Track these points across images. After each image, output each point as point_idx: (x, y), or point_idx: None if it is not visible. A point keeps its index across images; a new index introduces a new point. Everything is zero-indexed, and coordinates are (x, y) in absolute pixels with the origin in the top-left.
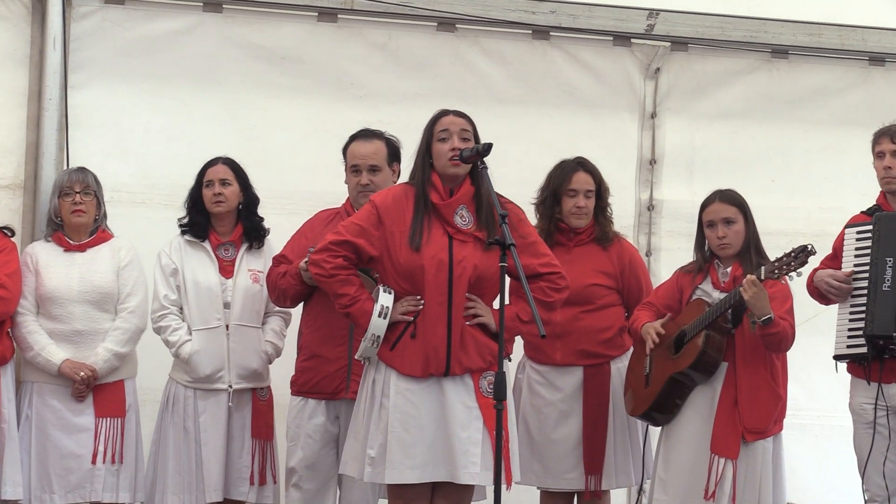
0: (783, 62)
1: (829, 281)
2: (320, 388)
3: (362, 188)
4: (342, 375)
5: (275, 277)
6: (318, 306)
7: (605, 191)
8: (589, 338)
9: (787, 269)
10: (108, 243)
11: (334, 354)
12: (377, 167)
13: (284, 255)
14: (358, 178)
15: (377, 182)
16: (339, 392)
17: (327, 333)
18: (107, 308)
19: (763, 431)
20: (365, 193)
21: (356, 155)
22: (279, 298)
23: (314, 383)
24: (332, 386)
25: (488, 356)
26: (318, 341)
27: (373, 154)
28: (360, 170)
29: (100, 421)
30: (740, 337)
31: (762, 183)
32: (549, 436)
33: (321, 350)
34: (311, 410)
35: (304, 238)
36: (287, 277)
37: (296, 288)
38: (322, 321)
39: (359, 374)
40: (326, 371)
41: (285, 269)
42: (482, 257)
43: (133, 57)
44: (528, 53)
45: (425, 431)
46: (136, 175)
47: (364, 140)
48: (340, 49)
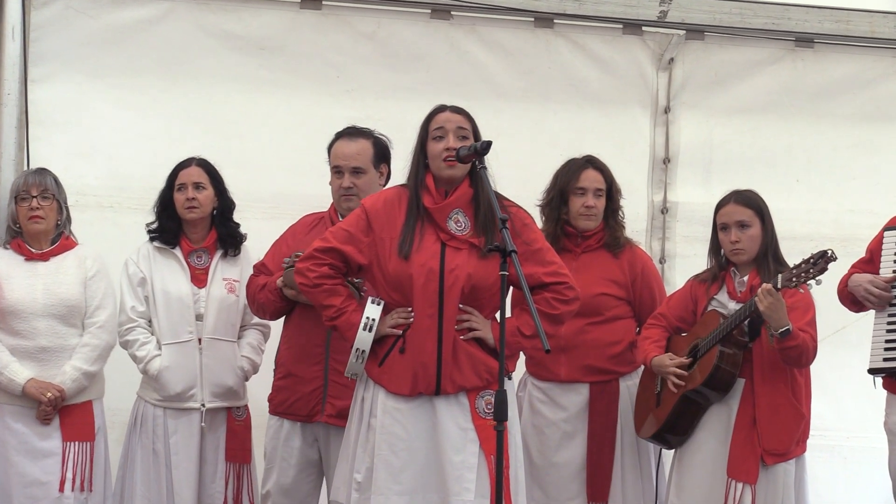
0: (808, 51)
1: (869, 287)
2: (295, 409)
3: (344, 191)
4: (317, 397)
5: (254, 289)
6: (295, 322)
7: (617, 192)
8: (596, 352)
9: (806, 277)
10: (72, 252)
11: (310, 374)
12: (361, 169)
13: (265, 264)
14: (340, 180)
15: (361, 185)
16: (315, 415)
17: (303, 351)
18: (74, 323)
19: (784, 453)
20: (348, 197)
21: (339, 155)
22: (258, 311)
23: (290, 404)
24: (308, 408)
25: (485, 374)
26: (294, 359)
27: (356, 155)
28: (342, 171)
29: (67, 445)
30: (758, 351)
31: (786, 183)
32: (551, 459)
33: (296, 369)
34: (287, 432)
35: (285, 245)
36: (266, 291)
37: (275, 303)
38: (298, 338)
39: (335, 397)
40: (301, 392)
41: (265, 282)
42: (478, 265)
43: (99, 48)
44: (531, 43)
45: (415, 455)
46: (102, 177)
47: (348, 139)
48: (325, 39)
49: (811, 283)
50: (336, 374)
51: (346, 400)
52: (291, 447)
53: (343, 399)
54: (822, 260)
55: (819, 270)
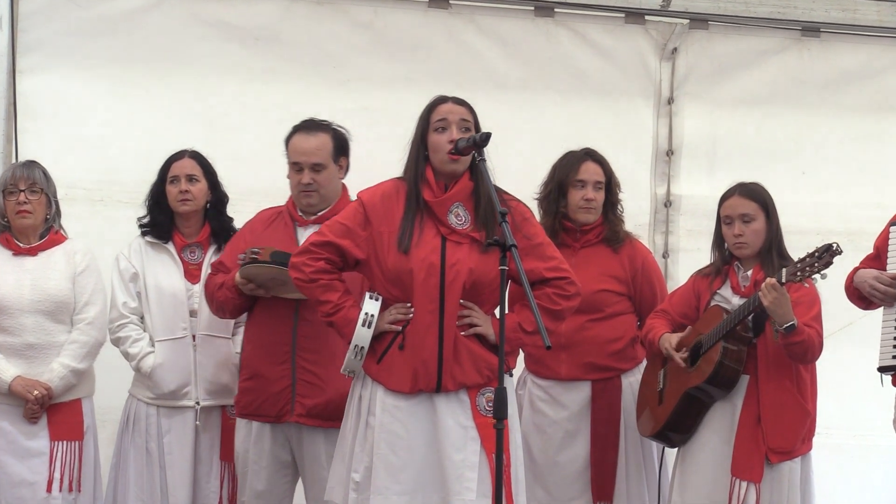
0: (815, 41)
1: (874, 284)
2: (264, 410)
3: (304, 187)
4: (286, 397)
5: (212, 288)
6: (258, 320)
7: (616, 185)
8: (597, 349)
9: (811, 271)
10: (61, 246)
11: (276, 374)
12: (321, 165)
13: (222, 262)
14: (299, 175)
15: (320, 181)
16: (284, 415)
17: (268, 350)
18: (62, 319)
19: (789, 452)
20: (307, 193)
21: (298, 151)
22: (216, 310)
23: (257, 405)
24: (276, 408)
25: (486, 371)
26: (259, 359)
27: (316, 150)
28: (301, 167)
29: (55, 445)
30: (762, 347)
31: (792, 176)
32: (554, 458)
33: (262, 369)
34: (256, 434)
35: (243, 241)
36: (224, 289)
37: (233, 301)
38: (263, 336)
39: (305, 396)
40: (269, 392)
41: (223, 280)
42: (479, 260)
43: (89, 38)
44: (531, 33)
45: (415, 453)
46: (93, 170)
47: (307, 133)
48: (321, 28)
49: (816, 277)
50: (304, 373)
51: (315, 398)
52: (262, 449)
53: (312, 397)
54: (828, 254)
55: (824, 264)
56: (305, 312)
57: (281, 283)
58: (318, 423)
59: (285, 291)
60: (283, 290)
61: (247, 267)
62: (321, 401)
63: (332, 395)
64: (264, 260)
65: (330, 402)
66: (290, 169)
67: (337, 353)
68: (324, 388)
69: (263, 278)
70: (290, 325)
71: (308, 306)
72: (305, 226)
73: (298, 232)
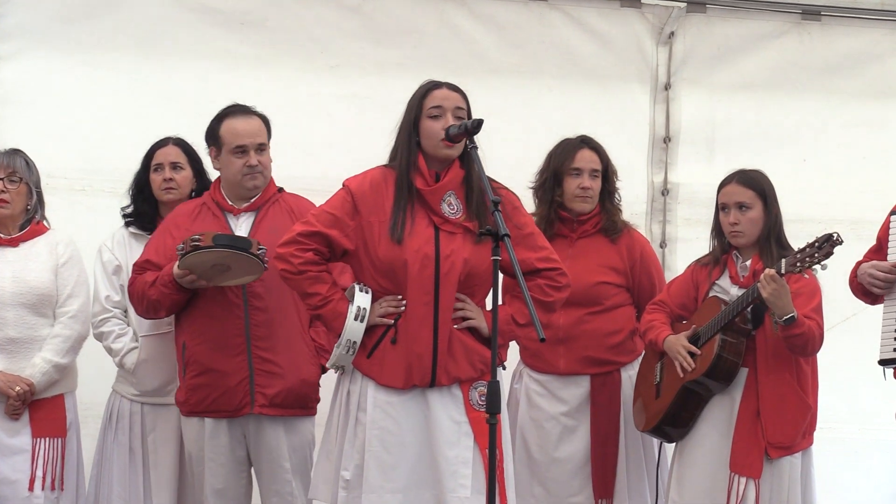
0: (815, 25)
1: (872, 272)
2: (220, 405)
3: (249, 170)
4: (244, 389)
5: (142, 287)
6: (202, 313)
7: (613, 173)
8: (596, 343)
9: (811, 262)
10: (43, 237)
11: (232, 366)
12: (264, 146)
13: (148, 260)
14: (245, 158)
15: (265, 162)
16: (244, 407)
17: (219, 343)
18: (44, 312)
19: (789, 446)
20: (253, 175)
21: (241, 133)
22: (148, 310)
23: (212, 400)
24: (235, 402)
25: (479, 364)
26: (209, 353)
27: (258, 131)
28: (247, 149)
29: (37, 442)
30: (762, 339)
31: (792, 163)
32: (552, 454)
33: (214, 363)
34: (211, 431)
35: (168, 237)
36: (158, 286)
37: (171, 297)
38: (210, 330)
39: (265, 386)
40: (226, 386)
41: (154, 277)
42: (473, 251)
43: (71, 23)
44: (524, 17)
45: (408, 450)
46: (75, 159)
47: (245, 116)
48: (309, 12)
49: (816, 268)
50: (261, 362)
51: (276, 387)
52: (219, 445)
53: (273, 386)
54: (828, 244)
55: (825, 255)
56: (255, 300)
57: (224, 270)
58: (279, 412)
59: (228, 279)
60: (225, 277)
61: (189, 257)
62: (282, 389)
63: (293, 382)
64: (207, 245)
65: (291, 389)
66: (228, 155)
67: (293, 338)
68: (283, 376)
69: (204, 267)
70: (241, 315)
71: (256, 293)
72: (238, 214)
73: (231, 221)
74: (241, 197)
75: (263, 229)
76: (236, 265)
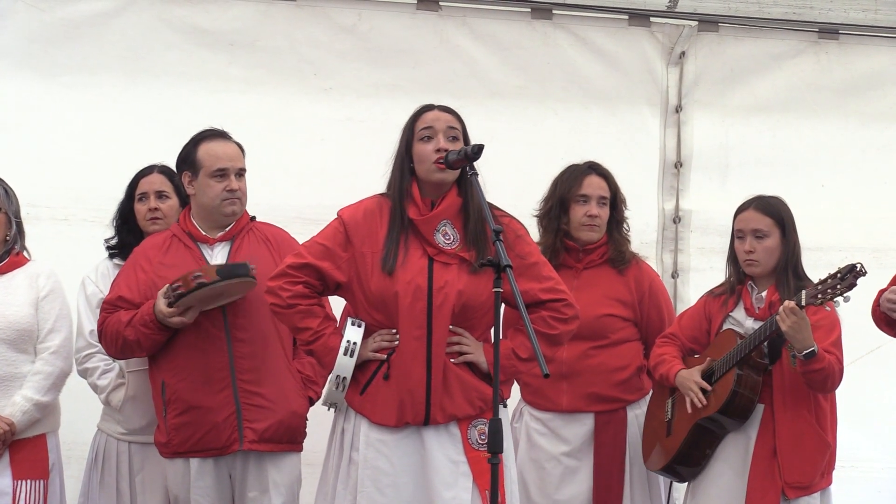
0: (833, 44)
1: (892, 297)
2: (206, 443)
3: (229, 194)
4: (232, 425)
5: (115, 327)
6: (181, 348)
7: (621, 201)
8: (601, 379)
9: (833, 294)
10: (23, 269)
11: (217, 402)
12: (243, 171)
13: (122, 296)
14: (225, 183)
15: (243, 188)
16: (232, 444)
17: (202, 378)
18: (24, 348)
19: (808, 486)
20: (232, 200)
21: (222, 157)
22: (123, 351)
23: (197, 439)
24: (222, 439)
25: (478, 401)
26: (192, 390)
27: (238, 155)
28: (227, 173)
29: (18, 484)
30: (778, 374)
31: (810, 188)
32: (553, 496)
33: (198, 399)
34: (196, 471)
35: (141, 272)
36: (136, 326)
37: (152, 336)
38: (191, 365)
39: (253, 420)
40: (211, 422)
41: (129, 316)
42: (468, 282)
43: (52, 44)
44: (527, 36)
45: (402, 491)
46: (57, 186)
47: (222, 140)
48: (301, 33)
49: (839, 300)
50: (248, 395)
51: (266, 421)
52: (206, 486)
53: (263, 420)
54: (851, 275)
55: (847, 286)
56: (237, 331)
57: (215, 298)
58: (269, 447)
59: (212, 304)
60: (211, 302)
61: (194, 294)
62: (273, 422)
63: (283, 414)
64: (213, 280)
65: (282, 422)
66: (206, 178)
67: (279, 369)
68: (273, 409)
69: (195, 300)
70: (224, 348)
71: (238, 324)
72: (212, 245)
73: (205, 251)
74: (215, 225)
75: (241, 258)
76: (229, 291)
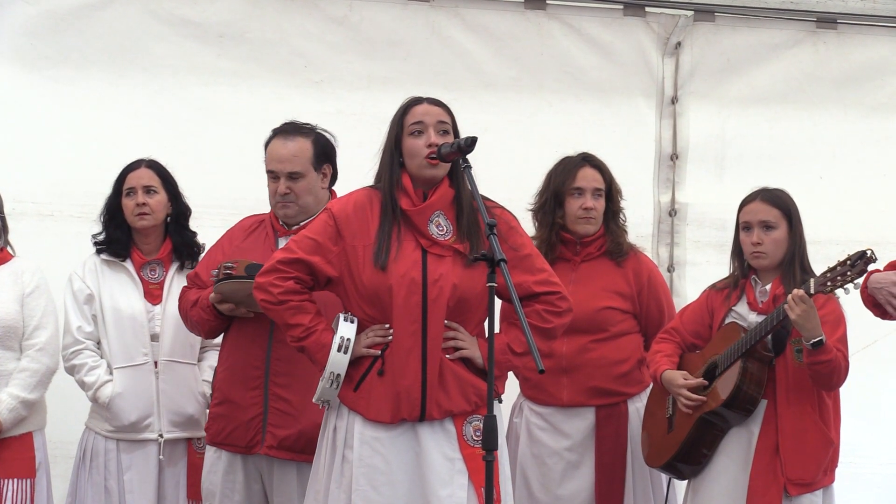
0: (831, 33)
1: (893, 290)
2: (233, 440)
3: (281, 198)
4: (257, 426)
5: (186, 305)
6: (233, 340)
7: (617, 192)
8: (602, 372)
9: (843, 281)
10: (7, 265)
11: (247, 400)
12: (298, 173)
13: (198, 274)
14: (276, 184)
15: (298, 190)
16: (255, 446)
17: (240, 374)
18: (10, 345)
19: (810, 483)
20: (284, 204)
21: (274, 158)
22: (193, 329)
23: (227, 433)
24: (247, 438)
25: (474, 397)
26: (230, 383)
27: (292, 157)
28: (277, 176)
29: (5, 483)
30: (782, 370)
31: (808, 181)
32: (555, 492)
33: (232, 394)
34: (226, 464)
35: (220, 253)
36: (198, 308)
37: (209, 322)
38: (235, 359)
39: (276, 426)
40: (240, 420)
41: (196, 297)
42: (463, 275)
43: (37, 37)
44: (521, 27)
45: (397, 489)
46: (42, 182)
47: (284, 138)
48: (291, 24)
49: (849, 287)
50: (277, 400)
51: (288, 429)
52: (234, 481)
53: (285, 428)
54: (861, 262)
55: (857, 273)
56: (279, 333)
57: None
58: (290, 456)
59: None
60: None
61: (221, 284)
62: (293, 431)
63: (306, 425)
64: (239, 275)
65: (303, 433)
66: (267, 177)
67: (311, 378)
68: (297, 418)
69: (241, 295)
70: (264, 347)
71: None
72: (287, 236)
73: (280, 243)
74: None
75: None
76: None
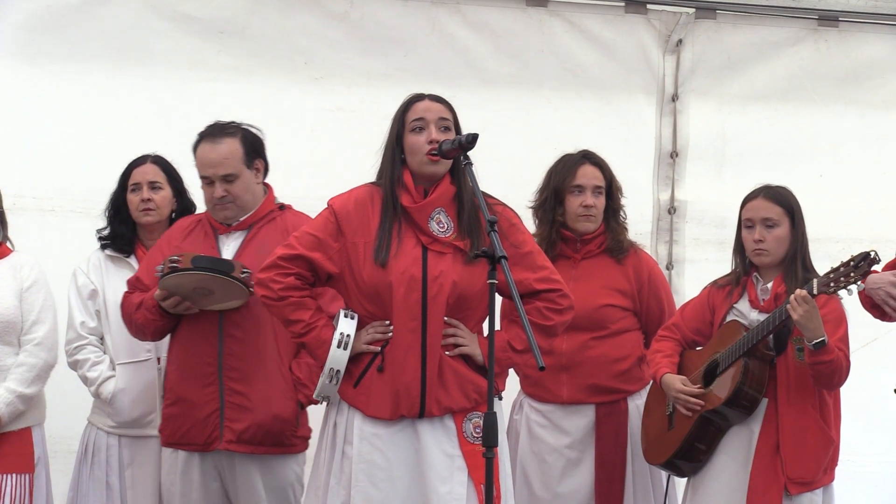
0: (832, 31)
1: (891, 291)
2: (190, 438)
3: (218, 201)
4: (214, 422)
5: (129, 309)
6: (182, 338)
7: (617, 189)
8: (602, 370)
9: (846, 282)
10: (6, 260)
11: (202, 397)
12: (233, 175)
13: (139, 278)
14: (211, 189)
15: (235, 192)
16: (213, 442)
17: (192, 372)
18: (9, 340)
19: (810, 482)
20: (223, 206)
21: (205, 163)
22: (137, 333)
23: (183, 432)
24: (204, 435)
25: (473, 394)
26: (183, 382)
27: (223, 160)
28: (212, 181)
29: (3, 478)
30: (783, 369)
31: (808, 179)
32: (555, 489)
33: (186, 393)
34: (183, 465)
35: (160, 254)
36: (142, 310)
37: (155, 322)
38: (186, 357)
39: (233, 420)
40: (195, 417)
41: (140, 299)
42: (463, 272)
43: (38, 32)
44: (522, 24)
45: (397, 485)
46: (44, 177)
47: (212, 142)
48: (291, 21)
49: (852, 288)
50: (233, 395)
51: (245, 422)
52: (190, 481)
53: (242, 422)
54: (865, 262)
55: (861, 274)
56: (230, 328)
57: (207, 294)
58: (249, 449)
59: (213, 302)
60: (210, 300)
61: (166, 278)
62: (251, 424)
63: (263, 417)
64: (186, 267)
65: (261, 425)
66: (201, 182)
67: (267, 370)
68: (253, 411)
69: (186, 290)
70: (215, 343)
71: (233, 321)
72: (227, 233)
73: (220, 241)
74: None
75: (251, 250)
76: (219, 289)
